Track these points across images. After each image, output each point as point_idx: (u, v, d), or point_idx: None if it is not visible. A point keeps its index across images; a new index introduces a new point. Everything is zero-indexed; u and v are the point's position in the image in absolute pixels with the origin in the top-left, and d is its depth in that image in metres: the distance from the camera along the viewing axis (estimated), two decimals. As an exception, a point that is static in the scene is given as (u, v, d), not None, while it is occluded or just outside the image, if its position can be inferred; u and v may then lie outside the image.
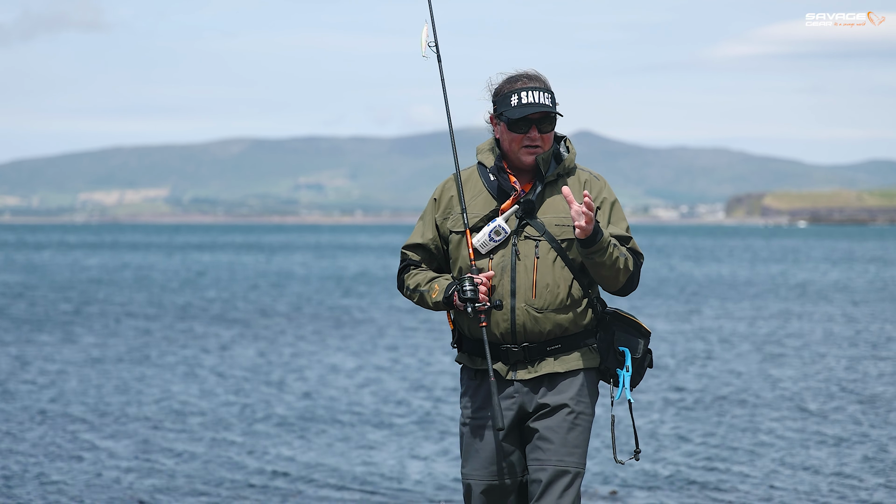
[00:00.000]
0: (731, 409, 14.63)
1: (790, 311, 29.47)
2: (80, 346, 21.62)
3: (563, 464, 5.03)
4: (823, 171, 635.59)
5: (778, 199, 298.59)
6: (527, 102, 5.02)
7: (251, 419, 14.13)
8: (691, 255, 72.94)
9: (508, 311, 5.04)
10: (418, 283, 5.15)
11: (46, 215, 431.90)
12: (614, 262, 4.94)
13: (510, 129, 5.06)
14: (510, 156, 5.11)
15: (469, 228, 5.06)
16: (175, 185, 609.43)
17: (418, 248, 5.21)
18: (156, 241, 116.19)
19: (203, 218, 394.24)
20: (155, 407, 14.92)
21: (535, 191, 5.07)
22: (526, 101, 5.02)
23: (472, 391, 5.15)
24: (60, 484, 10.67)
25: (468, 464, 5.17)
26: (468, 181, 5.16)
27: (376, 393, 16.22)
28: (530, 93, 5.03)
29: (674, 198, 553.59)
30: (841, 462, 11.52)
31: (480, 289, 4.99)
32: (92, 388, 16.45)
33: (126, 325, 25.97)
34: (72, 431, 13.19)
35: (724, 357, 19.93)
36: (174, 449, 12.31)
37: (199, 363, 19.31)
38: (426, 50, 5.26)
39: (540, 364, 5.08)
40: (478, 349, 5.11)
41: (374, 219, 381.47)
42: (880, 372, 17.96)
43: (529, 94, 5.03)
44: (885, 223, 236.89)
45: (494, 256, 5.06)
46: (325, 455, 12.10)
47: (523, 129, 5.05)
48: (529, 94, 5.03)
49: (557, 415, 5.05)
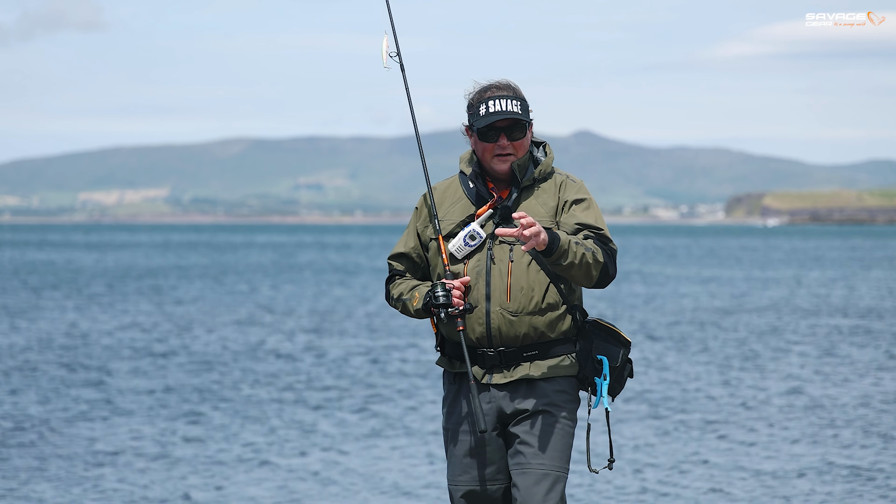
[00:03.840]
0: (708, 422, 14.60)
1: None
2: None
3: (544, 467, 5.03)
4: (823, 171, 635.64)
5: (778, 199, 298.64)
6: (493, 111, 5.05)
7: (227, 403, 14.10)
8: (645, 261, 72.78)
9: (483, 315, 5.06)
10: (401, 292, 5.20)
11: (46, 215, 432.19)
12: (581, 260, 4.94)
13: (480, 139, 5.11)
14: (484, 164, 5.15)
15: (442, 235, 5.11)
16: (175, 185, 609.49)
17: (402, 258, 5.27)
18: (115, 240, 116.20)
19: (203, 218, 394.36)
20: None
21: (512, 196, 5.11)
22: (493, 109, 5.06)
23: (452, 395, 5.18)
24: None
25: (449, 469, 5.19)
26: (448, 189, 5.22)
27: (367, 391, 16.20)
28: (497, 101, 5.07)
29: (674, 198, 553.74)
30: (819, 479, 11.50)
31: (454, 293, 5.03)
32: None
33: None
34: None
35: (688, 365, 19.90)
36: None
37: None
38: (388, 61, 5.27)
39: (516, 369, 5.09)
40: (457, 353, 5.14)
41: (373, 219, 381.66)
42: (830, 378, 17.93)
43: (496, 103, 5.07)
44: (885, 223, 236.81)
45: (470, 261, 5.10)
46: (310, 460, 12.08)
47: (492, 137, 5.09)
48: (496, 103, 5.07)
49: (538, 419, 5.06)
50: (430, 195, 5.18)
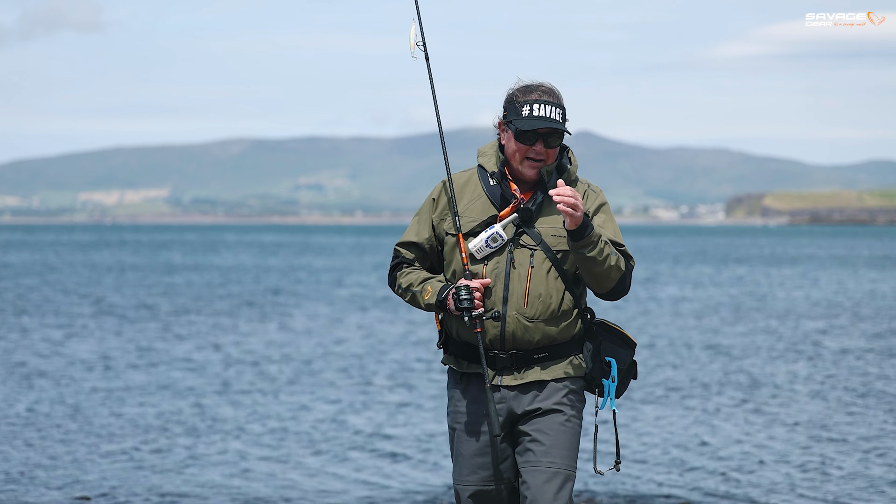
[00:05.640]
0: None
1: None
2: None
3: (554, 465, 5.01)
4: (823, 172, 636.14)
5: (778, 200, 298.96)
6: (538, 116, 4.98)
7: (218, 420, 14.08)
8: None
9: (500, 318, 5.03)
10: (411, 282, 5.13)
11: (46, 215, 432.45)
12: (605, 259, 4.92)
13: (517, 139, 5.02)
14: (512, 164, 5.08)
15: (462, 233, 5.05)
16: (175, 186, 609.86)
17: (412, 247, 5.18)
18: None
19: (203, 218, 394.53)
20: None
21: (535, 200, 5.05)
22: (538, 114, 4.98)
23: (459, 395, 5.15)
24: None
25: (457, 469, 5.16)
26: (468, 183, 5.14)
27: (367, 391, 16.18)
28: (543, 106, 4.99)
29: (674, 198, 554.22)
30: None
31: (476, 295, 4.97)
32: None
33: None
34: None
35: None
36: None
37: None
38: (415, 50, 5.21)
39: (527, 371, 5.07)
40: (464, 352, 5.10)
41: (374, 219, 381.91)
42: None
43: (542, 108, 4.99)
44: (885, 223, 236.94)
45: (489, 263, 5.04)
46: (308, 466, 12.06)
47: (530, 140, 5.01)
48: (542, 108, 4.99)
49: (548, 418, 5.04)
50: (451, 189, 5.10)
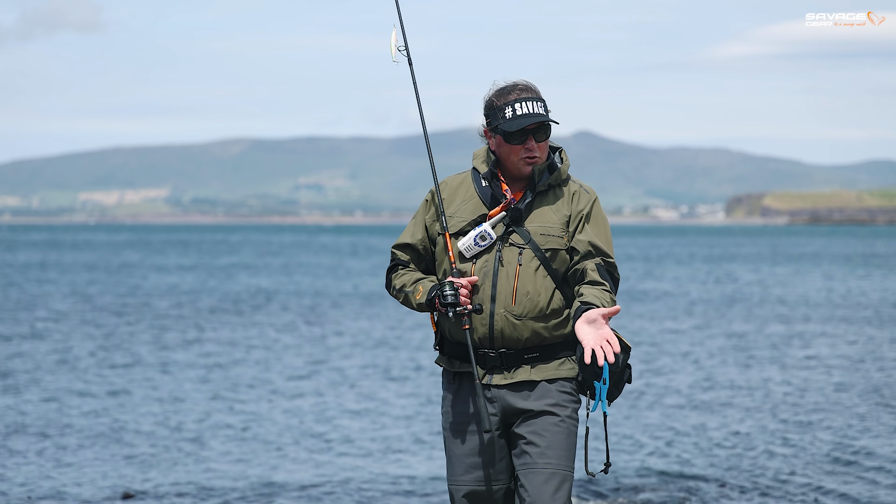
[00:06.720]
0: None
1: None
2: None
3: (551, 466, 5.01)
4: (823, 172, 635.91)
5: (778, 200, 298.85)
6: (522, 114, 5.02)
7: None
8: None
9: (487, 317, 5.05)
10: (404, 283, 5.18)
11: (46, 215, 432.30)
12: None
13: (507, 142, 5.06)
14: (508, 166, 5.12)
15: (451, 233, 5.09)
16: (175, 186, 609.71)
17: (407, 248, 5.24)
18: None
19: (203, 218, 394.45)
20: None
21: (525, 200, 5.08)
22: (521, 112, 5.03)
23: (452, 394, 5.16)
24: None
25: (450, 469, 5.17)
26: (461, 185, 5.19)
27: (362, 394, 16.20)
28: (525, 103, 5.03)
29: (674, 198, 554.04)
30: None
31: (461, 292, 5.01)
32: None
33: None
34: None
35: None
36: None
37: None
38: (396, 55, 5.25)
39: (516, 371, 5.07)
40: (457, 352, 5.12)
41: (374, 219, 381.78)
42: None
43: (524, 105, 5.03)
44: (885, 223, 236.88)
45: (478, 261, 5.08)
46: (307, 462, 12.06)
47: (521, 139, 5.05)
48: (524, 105, 5.03)
49: (542, 420, 5.04)
50: (437, 191, 5.16)
